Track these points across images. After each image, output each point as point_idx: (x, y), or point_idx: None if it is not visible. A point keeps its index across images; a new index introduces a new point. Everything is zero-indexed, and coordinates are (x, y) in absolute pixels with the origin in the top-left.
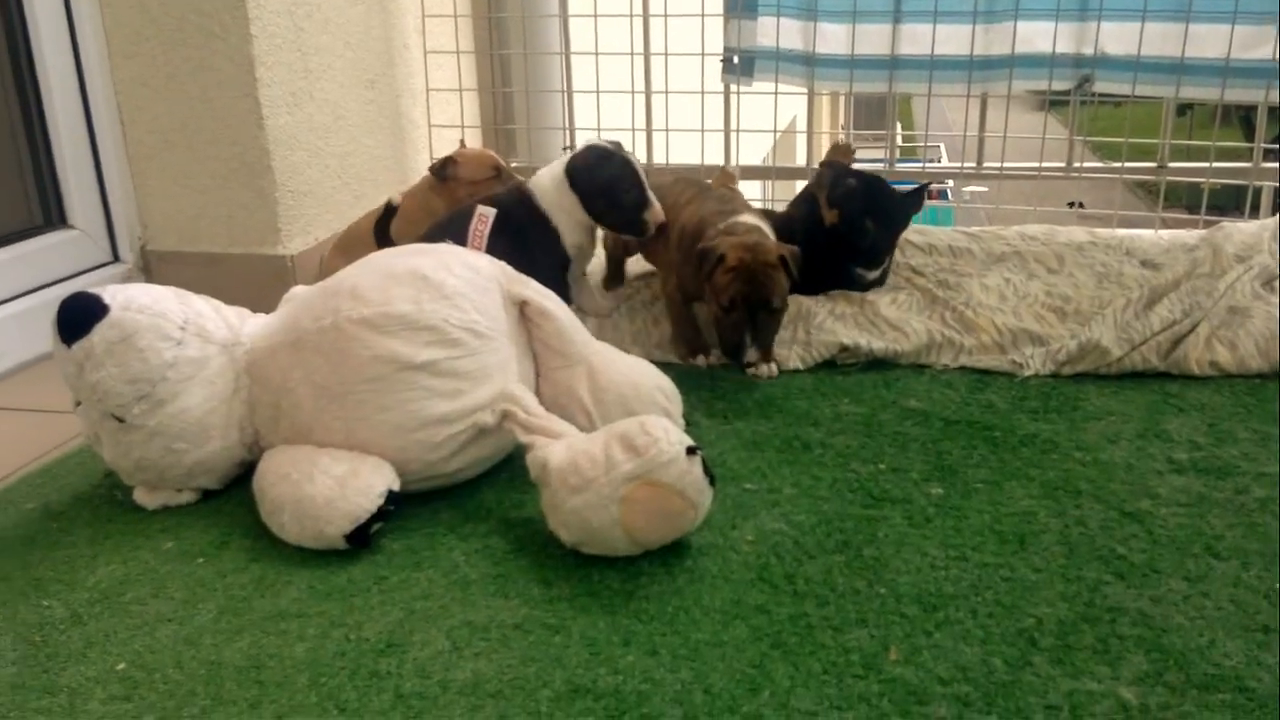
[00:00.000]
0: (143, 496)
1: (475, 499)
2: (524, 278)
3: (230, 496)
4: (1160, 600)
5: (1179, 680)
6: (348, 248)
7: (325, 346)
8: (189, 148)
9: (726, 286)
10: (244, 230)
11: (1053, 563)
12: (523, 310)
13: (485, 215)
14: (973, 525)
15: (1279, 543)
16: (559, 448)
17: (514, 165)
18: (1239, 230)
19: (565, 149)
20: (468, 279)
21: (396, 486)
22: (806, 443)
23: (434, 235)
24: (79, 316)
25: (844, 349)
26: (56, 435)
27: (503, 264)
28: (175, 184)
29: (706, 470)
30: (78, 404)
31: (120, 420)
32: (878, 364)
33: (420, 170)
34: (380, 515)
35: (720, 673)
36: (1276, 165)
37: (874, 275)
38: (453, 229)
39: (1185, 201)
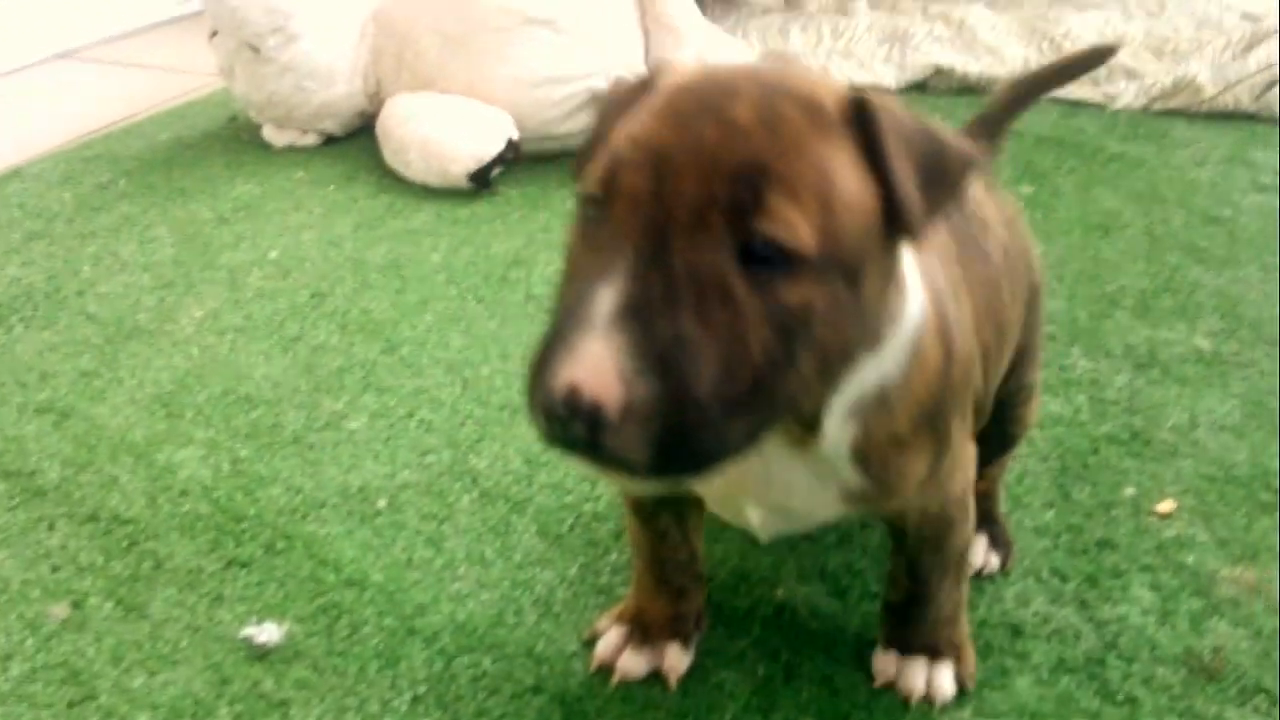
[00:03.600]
0: (271, 134)
1: None
2: None
3: (353, 142)
4: (1237, 281)
5: (1250, 336)
6: None
7: None
8: None
9: (610, 139)
10: None
11: (1136, 248)
12: None
13: None
14: (1060, 217)
15: None
16: None
17: None
18: None
19: None
20: None
21: (516, 136)
22: None
23: None
24: None
25: (938, 71)
26: (184, 87)
27: None
28: None
29: None
30: (214, 34)
31: (255, 50)
32: (970, 89)
33: None
34: (500, 159)
35: None
36: None
37: None
38: None
39: None
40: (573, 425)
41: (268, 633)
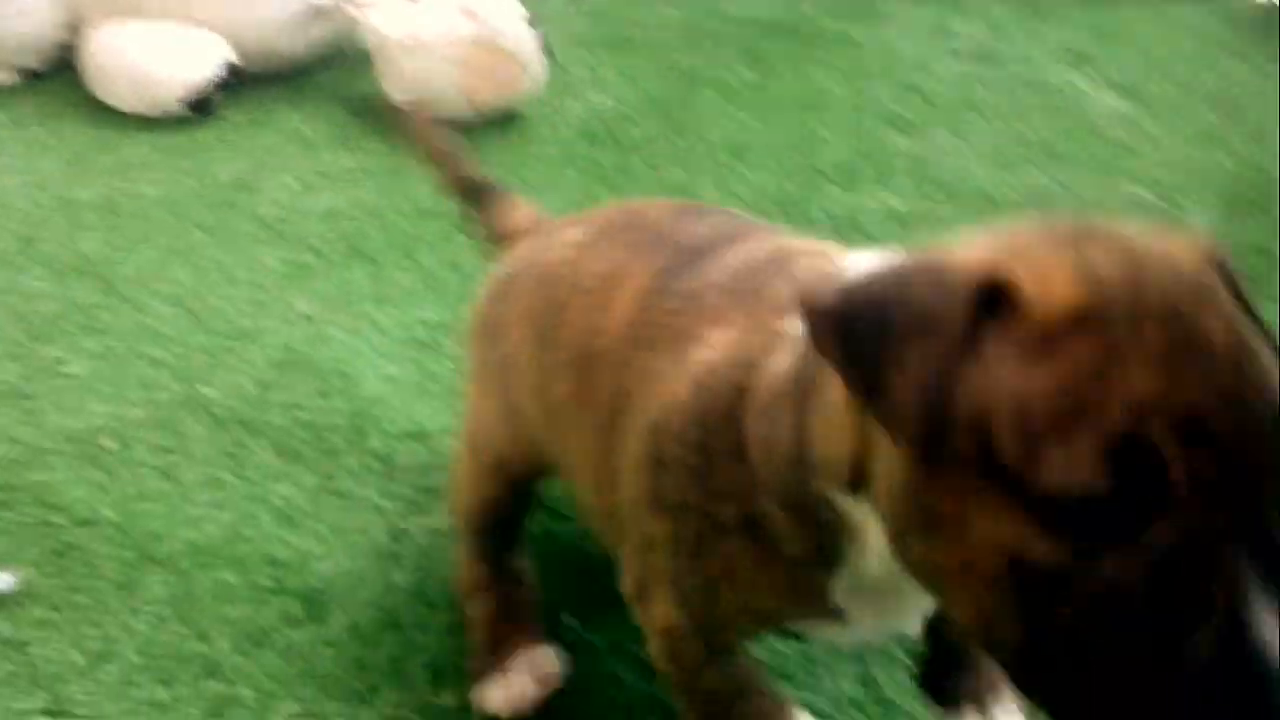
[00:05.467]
0: None
1: (312, 79)
2: None
3: (56, 77)
4: (930, 145)
5: (940, 195)
6: None
7: None
8: None
9: (1070, 399)
10: None
11: (843, 121)
12: None
13: None
14: (777, 97)
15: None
16: (397, 17)
17: None
18: None
19: None
20: None
21: (235, 59)
22: (630, 40)
23: None
24: None
25: None
26: None
27: None
28: None
29: (544, 45)
30: None
31: None
32: None
33: None
34: (222, 84)
35: (555, 199)
36: None
37: None
38: None
39: None
40: None
41: (1, 581)
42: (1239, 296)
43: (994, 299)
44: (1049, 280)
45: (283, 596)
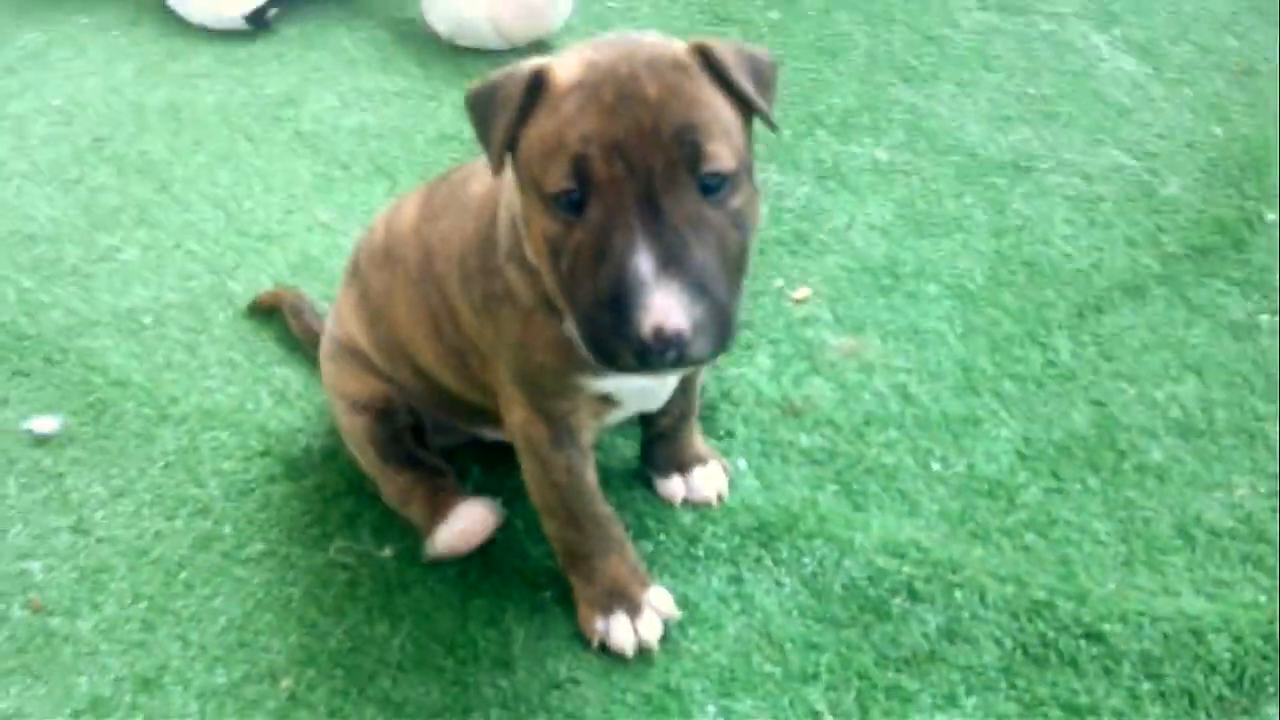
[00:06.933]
0: None
1: (364, 1)
2: None
3: None
4: (932, 97)
5: (925, 148)
6: None
7: None
8: None
9: (557, 138)
10: None
11: (854, 69)
12: None
13: None
14: (799, 41)
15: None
16: None
17: None
18: None
19: None
20: None
21: None
22: None
23: None
24: None
25: None
26: None
27: None
28: None
29: None
30: None
31: None
32: None
33: None
34: (276, 1)
35: None
36: None
37: None
38: None
39: None
40: (666, 353)
41: (46, 424)
42: (720, 72)
43: (538, 84)
44: (567, 69)
45: (268, 459)
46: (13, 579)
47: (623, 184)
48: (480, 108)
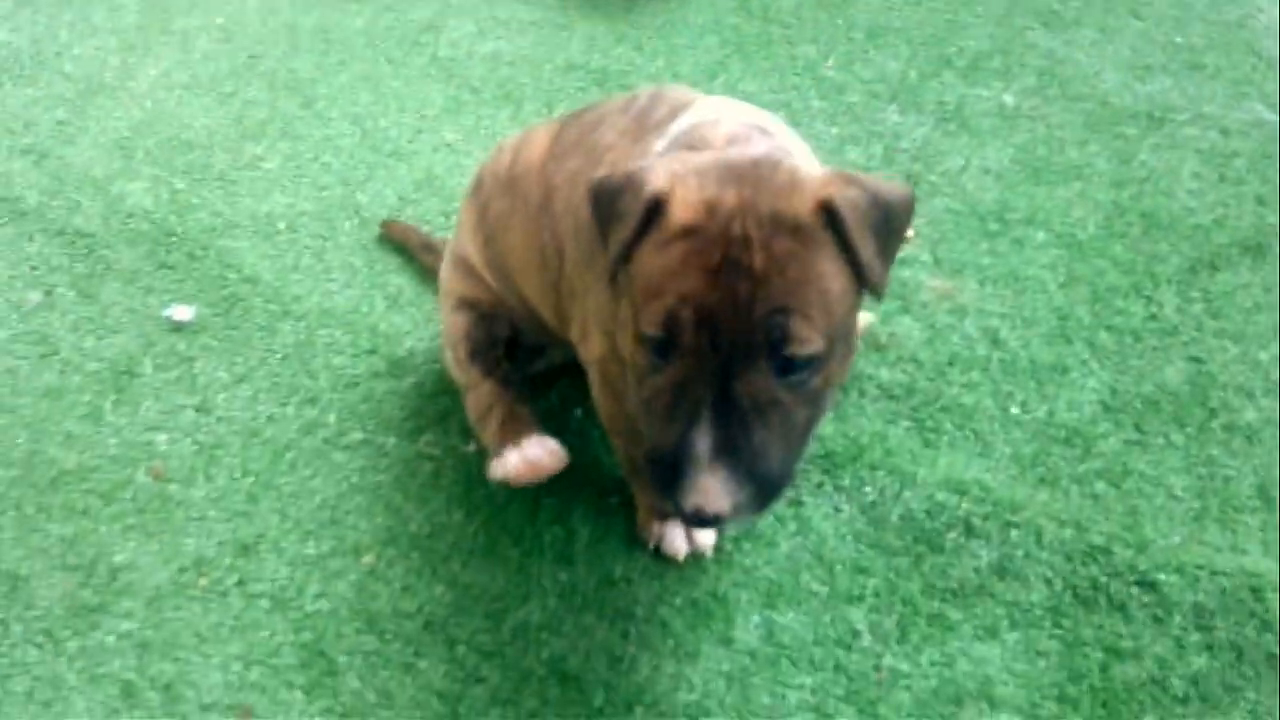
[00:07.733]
0: None
1: None
2: None
3: None
4: (1071, 43)
5: (1055, 94)
6: None
7: None
8: None
9: (660, 283)
10: None
11: (994, 10)
12: None
13: None
14: None
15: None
16: None
17: None
18: None
19: None
20: None
21: None
22: None
23: None
24: None
25: None
26: None
27: None
28: None
29: None
30: None
31: None
32: None
33: None
34: None
35: (689, 64)
36: None
37: None
38: None
39: None
40: (705, 523)
41: (183, 313)
42: (841, 235)
43: (657, 208)
44: (685, 206)
45: (374, 357)
46: (140, 447)
47: (705, 355)
48: (600, 207)
